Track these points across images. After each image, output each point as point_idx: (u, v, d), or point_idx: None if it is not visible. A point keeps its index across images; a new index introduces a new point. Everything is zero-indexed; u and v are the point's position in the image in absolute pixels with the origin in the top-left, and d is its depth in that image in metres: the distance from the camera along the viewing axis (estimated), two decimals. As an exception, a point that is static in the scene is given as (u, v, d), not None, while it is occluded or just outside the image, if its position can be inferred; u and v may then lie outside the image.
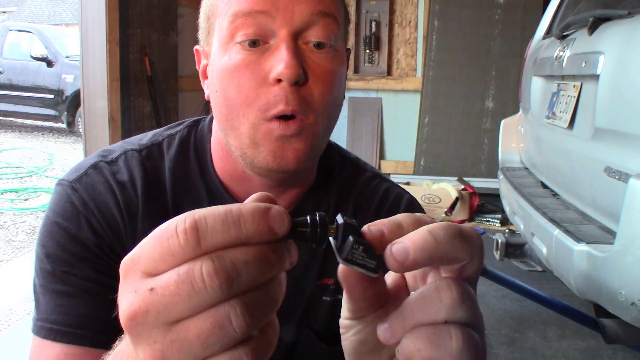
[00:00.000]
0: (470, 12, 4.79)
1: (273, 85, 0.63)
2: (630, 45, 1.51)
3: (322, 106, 0.66)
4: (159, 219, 0.72)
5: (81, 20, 3.43)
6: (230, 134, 0.67)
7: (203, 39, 0.73)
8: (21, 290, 2.74)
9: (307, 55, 0.65)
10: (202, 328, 0.30)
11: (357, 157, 0.86)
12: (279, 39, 0.63)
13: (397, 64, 5.20)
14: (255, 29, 0.63)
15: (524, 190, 2.16)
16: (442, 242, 0.34)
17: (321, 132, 0.67)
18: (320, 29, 0.64)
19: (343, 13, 0.69)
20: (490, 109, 4.80)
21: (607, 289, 1.36)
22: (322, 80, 0.65)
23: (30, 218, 4.19)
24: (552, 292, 2.60)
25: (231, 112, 0.66)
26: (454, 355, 0.34)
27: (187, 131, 0.79)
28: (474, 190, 4.14)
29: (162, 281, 0.30)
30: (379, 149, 5.22)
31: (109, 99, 3.44)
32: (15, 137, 8.15)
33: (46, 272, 0.68)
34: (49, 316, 0.67)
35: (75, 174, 0.72)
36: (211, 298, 0.30)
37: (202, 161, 0.76)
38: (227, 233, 0.30)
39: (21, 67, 8.21)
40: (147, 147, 0.76)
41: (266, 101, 0.63)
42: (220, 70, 0.66)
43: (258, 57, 0.64)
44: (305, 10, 0.63)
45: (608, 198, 1.53)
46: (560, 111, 1.94)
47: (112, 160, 0.73)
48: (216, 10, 0.67)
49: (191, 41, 4.47)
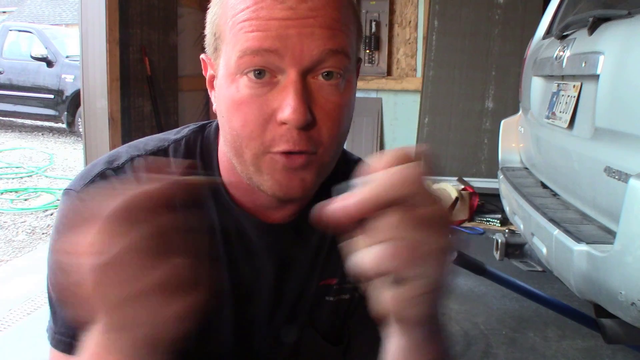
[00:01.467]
0: (470, 12, 4.79)
1: (279, 125, 0.62)
2: (630, 45, 1.51)
3: (330, 142, 0.64)
4: None
5: (81, 20, 3.43)
6: (235, 159, 0.67)
7: (210, 52, 0.70)
8: (21, 290, 2.74)
9: (316, 91, 0.62)
10: None
11: (360, 158, 0.85)
12: (287, 78, 0.61)
13: (397, 64, 5.20)
14: (264, 65, 0.61)
15: (524, 190, 2.16)
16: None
17: (329, 161, 0.67)
18: (330, 67, 0.62)
19: (356, 28, 0.67)
20: (490, 109, 4.80)
21: (607, 289, 1.36)
22: (332, 117, 0.63)
23: (30, 218, 4.19)
24: (552, 292, 2.60)
25: (236, 141, 0.65)
26: None
27: (194, 137, 0.78)
28: (474, 190, 4.14)
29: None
30: (379, 149, 5.22)
31: (109, 99, 3.44)
32: (15, 137, 8.15)
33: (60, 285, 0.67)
34: (68, 330, 0.67)
35: (82, 183, 0.72)
36: None
37: (209, 169, 0.75)
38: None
39: (21, 67, 8.21)
40: (153, 153, 0.75)
41: (271, 137, 0.62)
42: (227, 100, 0.64)
43: (266, 93, 0.62)
44: (315, 49, 0.60)
45: (608, 198, 1.53)
46: (560, 111, 1.94)
47: (118, 166, 0.73)
48: (223, 35, 0.65)
49: (191, 41, 4.48)
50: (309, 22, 0.60)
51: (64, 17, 17.37)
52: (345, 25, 0.63)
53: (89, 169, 0.74)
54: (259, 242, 0.75)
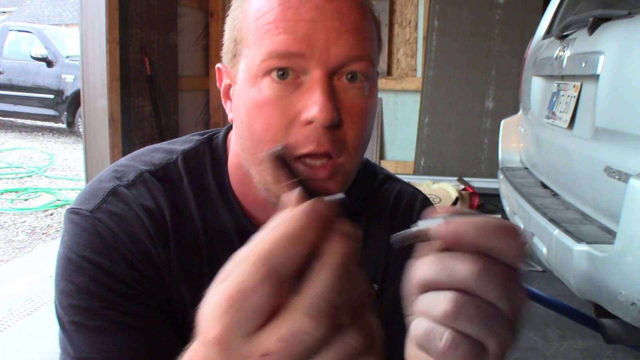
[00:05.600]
0: (470, 12, 4.79)
1: (304, 125, 0.60)
2: (630, 45, 1.51)
3: (355, 146, 0.63)
4: (192, 248, 0.70)
5: (81, 20, 3.43)
6: (253, 167, 0.65)
7: (227, 60, 0.68)
8: (21, 291, 2.74)
9: (341, 93, 0.61)
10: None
11: (368, 159, 0.83)
12: (312, 78, 0.60)
13: (397, 64, 5.19)
14: (289, 65, 0.60)
15: (524, 190, 2.16)
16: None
17: (352, 170, 0.65)
18: (355, 69, 0.61)
19: (377, 41, 0.66)
20: (490, 109, 4.80)
21: (607, 289, 1.36)
22: (357, 120, 0.62)
23: (30, 218, 4.19)
24: (552, 292, 2.60)
25: (256, 147, 0.62)
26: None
27: (202, 149, 0.74)
28: (474, 190, 4.14)
29: (271, 346, 0.29)
30: (379, 149, 5.22)
31: (109, 99, 3.43)
32: (15, 137, 8.15)
33: (80, 309, 0.63)
34: (91, 355, 0.63)
35: (93, 202, 0.67)
36: (319, 342, 0.29)
37: (221, 184, 0.73)
38: (298, 258, 0.30)
39: (21, 67, 8.21)
40: (163, 167, 0.71)
41: (295, 140, 0.60)
42: (249, 103, 0.62)
43: (289, 94, 0.60)
44: (342, 54, 0.60)
45: (608, 198, 1.53)
46: (560, 111, 1.94)
47: (129, 183, 0.69)
48: (245, 39, 0.63)
49: (191, 41, 4.48)
50: (336, 25, 0.60)
51: (64, 17, 17.37)
52: (369, 32, 0.63)
53: (96, 186, 0.69)
54: None
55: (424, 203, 0.83)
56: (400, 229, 0.76)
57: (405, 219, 0.80)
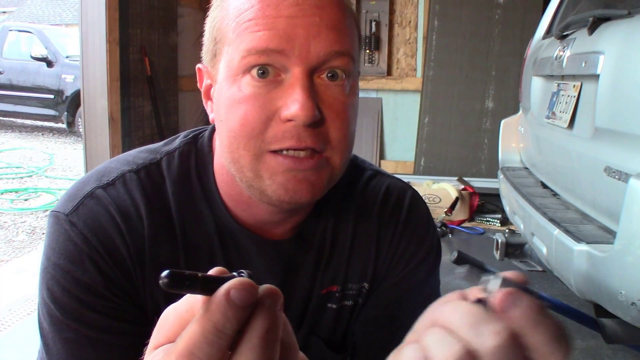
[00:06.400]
0: (470, 12, 4.79)
1: (284, 122, 0.59)
2: (630, 45, 1.51)
3: (339, 142, 0.63)
4: (168, 249, 0.69)
5: (81, 20, 3.43)
6: (232, 166, 0.64)
7: (208, 60, 0.68)
8: (21, 290, 2.74)
9: (322, 91, 0.61)
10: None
11: (355, 156, 0.82)
12: (293, 76, 0.59)
13: (397, 64, 5.19)
14: (269, 62, 0.59)
15: (524, 190, 2.16)
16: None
17: (339, 166, 0.65)
18: (335, 66, 0.61)
19: (357, 37, 0.66)
20: (490, 109, 4.80)
21: (607, 289, 1.36)
22: (339, 116, 0.62)
23: (30, 218, 4.19)
24: (552, 292, 2.60)
25: (232, 144, 0.62)
26: None
27: (187, 149, 0.73)
28: (474, 190, 4.14)
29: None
30: (379, 149, 5.22)
31: (109, 99, 3.44)
32: (15, 137, 8.15)
33: (55, 319, 0.64)
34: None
35: (70, 204, 0.66)
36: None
37: (206, 184, 0.72)
38: (220, 352, 0.31)
39: (21, 67, 8.21)
40: (145, 167, 0.70)
41: (273, 134, 0.60)
42: (228, 100, 0.62)
43: (269, 91, 0.60)
44: (322, 50, 0.59)
45: (608, 198, 1.53)
46: (560, 111, 1.94)
47: (108, 183, 0.68)
48: (225, 37, 0.63)
49: (191, 41, 4.48)
50: (316, 20, 0.59)
51: (64, 17, 17.36)
52: (349, 28, 0.63)
53: (78, 187, 0.69)
54: (260, 259, 0.73)
55: (414, 198, 0.81)
56: (389, 225, 0.76)
57: (394, 214, 0.79)
